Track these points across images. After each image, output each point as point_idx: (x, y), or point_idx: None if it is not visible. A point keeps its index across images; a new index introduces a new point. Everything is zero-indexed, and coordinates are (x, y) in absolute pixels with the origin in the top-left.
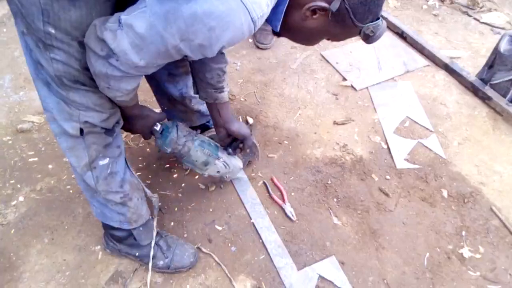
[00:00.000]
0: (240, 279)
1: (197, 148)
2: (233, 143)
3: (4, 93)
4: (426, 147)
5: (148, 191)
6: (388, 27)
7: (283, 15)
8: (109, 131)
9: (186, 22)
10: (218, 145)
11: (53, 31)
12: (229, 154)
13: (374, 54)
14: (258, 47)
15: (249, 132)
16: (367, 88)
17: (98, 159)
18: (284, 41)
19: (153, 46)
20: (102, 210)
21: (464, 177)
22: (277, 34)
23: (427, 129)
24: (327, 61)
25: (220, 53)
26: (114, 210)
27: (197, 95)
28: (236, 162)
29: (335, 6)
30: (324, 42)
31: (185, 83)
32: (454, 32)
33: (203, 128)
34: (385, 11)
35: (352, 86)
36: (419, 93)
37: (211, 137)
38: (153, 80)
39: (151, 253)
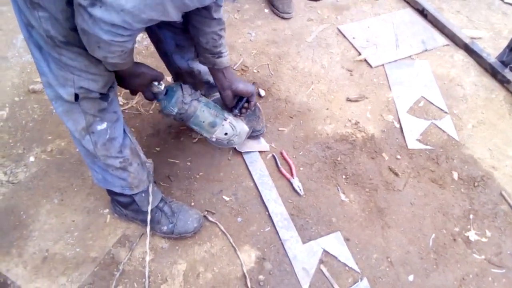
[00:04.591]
0: (244, 249)
1: (204, 108)
2: (238, 103)
3: (16, 52)
4: (440, 128)
5: (143, 156)
6: (408, 3)
7: None
8: (104, 96)
9: None
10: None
11: None
12: (235, 115)
13: (392, 31)
14: (282, 18)
15: (254, 89)
16: (383, 65)
17: (96, 124)
18: (300, 13)
19: None
20: (103, 176)
21: (476, 161)
22: None
23: (441, 110)
24: (344, 36)
25: (213, 18)
26: (115, 175)
27: (204, 66)
28: (242, 125)
29: None
30: (342, 16)
31: (192, 55)
32: (477, 12)
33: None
34: None
35: (367, 63)
36: (436, 73)
37: (214, 101)
38: (163, 52)
39: (148, 218)
